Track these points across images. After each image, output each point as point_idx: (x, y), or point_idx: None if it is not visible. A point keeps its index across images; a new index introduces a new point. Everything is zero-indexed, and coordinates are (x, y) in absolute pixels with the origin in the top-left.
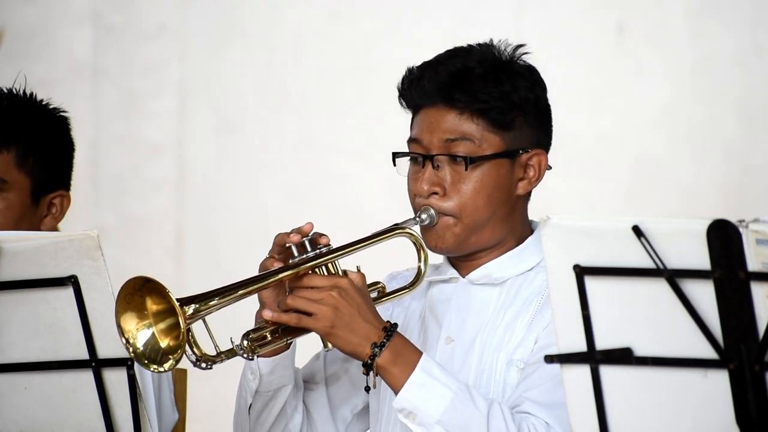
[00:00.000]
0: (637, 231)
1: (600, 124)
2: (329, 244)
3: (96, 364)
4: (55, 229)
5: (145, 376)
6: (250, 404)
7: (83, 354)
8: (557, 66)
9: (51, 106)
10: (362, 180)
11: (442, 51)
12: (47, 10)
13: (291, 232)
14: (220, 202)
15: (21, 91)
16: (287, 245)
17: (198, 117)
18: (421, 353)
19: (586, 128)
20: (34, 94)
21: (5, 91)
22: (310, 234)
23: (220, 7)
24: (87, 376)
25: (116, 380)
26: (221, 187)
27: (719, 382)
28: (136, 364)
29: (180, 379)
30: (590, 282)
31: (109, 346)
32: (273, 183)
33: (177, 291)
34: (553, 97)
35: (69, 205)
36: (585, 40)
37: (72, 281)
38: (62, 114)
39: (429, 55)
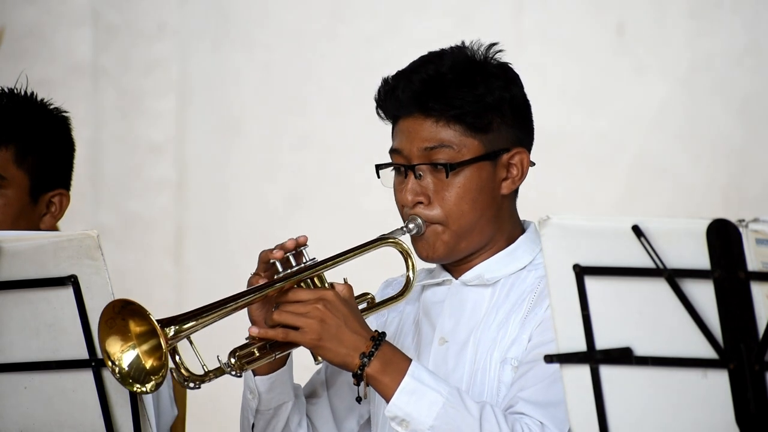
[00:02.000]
0: (637, 231)
1: (600, 123)
2: (314, 258)
3: (96, 363)
4: (54, 227)
5: None
6: (253, 423)
7: (83, 354)
8: (557, 66)
9: (52, 106)
10: (362, 180)
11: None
12: (47, 9)
13: (274, 249)
14: (220, 202)
15: (22, 91)
16: (271, 261)
17: (198, 117)
18: (410, 360)
19: (586, 128)
20: (34, 93)
21: (6, 90)
22: (293, 249)
23: (220, 7)
24: (87, 376)
25: (116, 380)
26: (221, 187)
27: (719, 381)
28: None
29: None
30: (590, 282)
31: None
32: (273, 183)
33: (177, 291)
34: (553, 96)
35: (68, 204)
36: (585, 40)
37: (72, 281)
38: (63, 114)
39: None
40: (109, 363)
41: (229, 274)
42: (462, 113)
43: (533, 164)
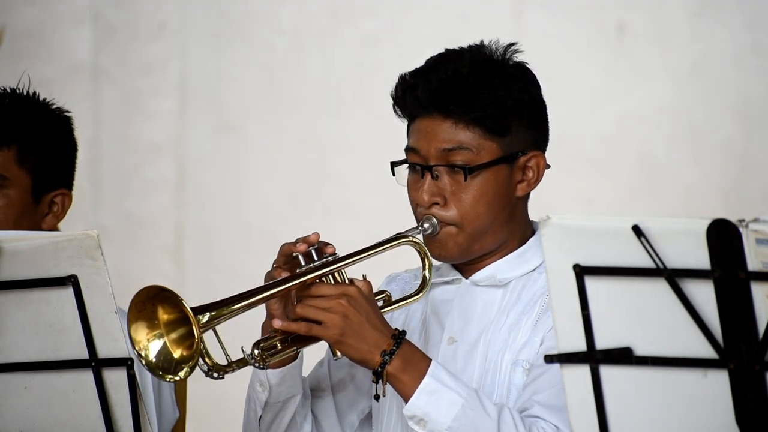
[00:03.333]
0: (637, 231)
1: (600, 124)
2: (335, 253)
3: (96, 364)
4: (56, 227)
5: (145, 376)
6: (261, 416)
7: (83, 354)
8: (557, 66)
9: (54, 106)
10: (362, 180)
11: (441, 52)
12: (47, 9)
13: (297, 242)
14: (220, 202)
15: (24, 91)
16: (294, 255)
17: (198, 117)
18: (430, 360)
19: (586, 128)
20: (37, 93)
21: (8, 90)
22: (315, 243)
23: (220, 7)
24: (87, 376)
25: (116, 380)
26: (221, 187)
27: (719, 382)
28: (135, 364)
29: None
30: (590, 282)
31: (109, 346)
32: (273, 183)
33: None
34: (553, 97)
35: (70, 204)
36: (585, 40)
37: (72, 281)
38: (65, 114)
39: (429, 55)
40: (135, 353)
41: (229, 274)
42: (482, 116)
43: (549, 167)
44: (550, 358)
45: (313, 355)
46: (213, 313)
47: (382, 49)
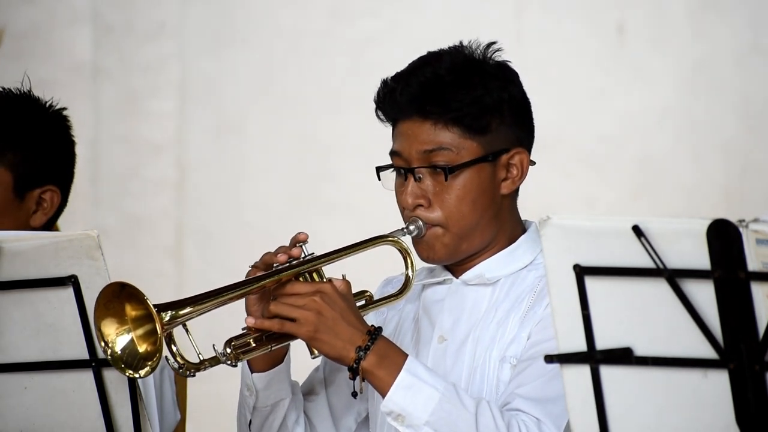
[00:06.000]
0: (637, 231)
1: (600, 124)
2: (312, 253)
3: (96, 364)
4: (46, 225)
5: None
6: (250, 420)
7: (83, 354)
8: (557, 66)
9: (47, 103)
10: (361, 180)
11: (422, 54)
12: (47, 9)
13: (277, 252)
14: (220, 202)
15: (6, 88)
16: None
17: (198, 117)
18: (406, 355)
19: (587, 128)
20: (21, 89)
21: None
22: (299, 257)
23: (220, 7)
24: (87, 376)
25: (116, 380)
26: (221, 187)
27: (719, 382)
28: None
29: (180, 379)
30: (590, 282)
31: None
32: (273, 183)
33: (177, 291)
34: (552, 97)
35: (59, 200)
36: (585, 40)
37: (72, 281)
38: (56, 110)
39: None
40: (102, 344)
41: (229, 275)
42: (460, 115)
43: (533, 163)
44: (550, 358)
45: (302, 359)
46: (176, 311)
47: (382, 49)
